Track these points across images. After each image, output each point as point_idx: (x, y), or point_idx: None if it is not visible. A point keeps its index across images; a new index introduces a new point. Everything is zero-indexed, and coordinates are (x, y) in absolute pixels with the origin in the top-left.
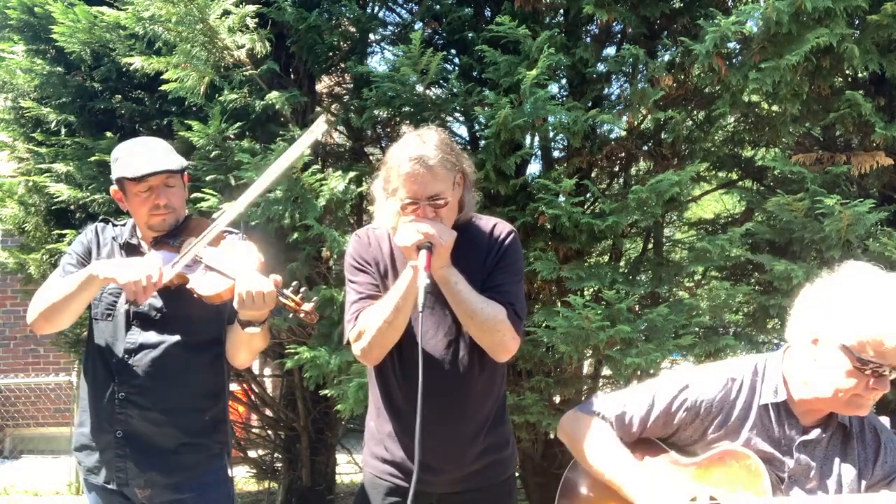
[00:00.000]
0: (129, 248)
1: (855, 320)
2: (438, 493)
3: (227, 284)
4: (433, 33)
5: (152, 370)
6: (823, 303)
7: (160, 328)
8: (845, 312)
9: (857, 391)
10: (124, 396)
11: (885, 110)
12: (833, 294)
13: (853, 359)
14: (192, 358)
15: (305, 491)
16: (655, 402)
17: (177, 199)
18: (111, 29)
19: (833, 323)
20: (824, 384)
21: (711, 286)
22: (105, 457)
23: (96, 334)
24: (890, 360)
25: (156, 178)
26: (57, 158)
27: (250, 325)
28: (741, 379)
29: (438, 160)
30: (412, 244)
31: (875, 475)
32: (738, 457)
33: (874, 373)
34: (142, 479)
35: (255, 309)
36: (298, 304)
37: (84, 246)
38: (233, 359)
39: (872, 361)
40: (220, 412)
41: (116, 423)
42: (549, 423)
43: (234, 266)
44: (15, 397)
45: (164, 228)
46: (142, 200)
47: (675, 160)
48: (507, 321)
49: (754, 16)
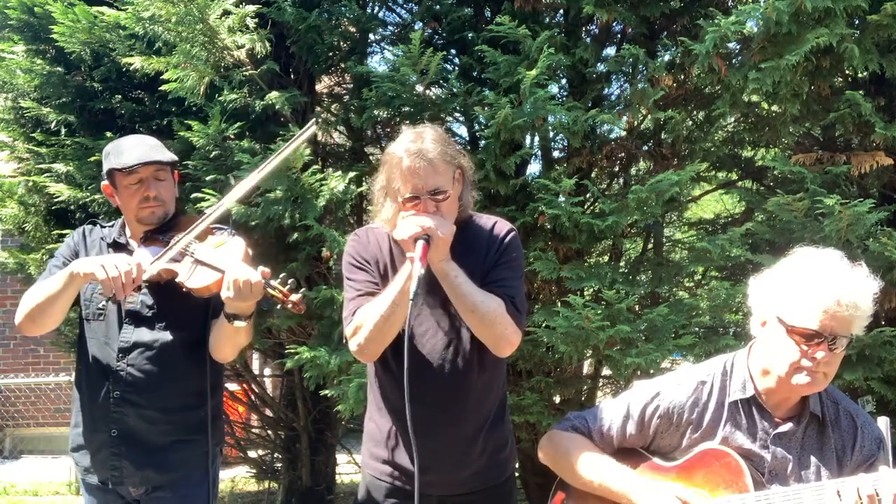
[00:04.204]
0: (116, 247)
1: (785, 292)
2: (438, 496)
3: (216, 277)
4: (433, 33)
5: (147, 368)
6: (763, 285)
7: (152, 325)
8: (777, 287)
9: (799, 363)
10: (119, 395)
11: (885, 110)
12: (770, 277)
13: (789, 329)
14: (186, 354)
15: (305, 491)
16: (630, 410)
17: (166, 192)
18: (111, 29)
19: (771, 301)
20: (777, 364)
21: (711, 286)
22: (100, 456)
23: (88, 335)
24: (825, 327)
25: (146, 169)
26: (57, 158)
27: (237, 318)
28: (711, 381)
29: (437, 153)
30: (410, 237)
31: (854, 460)
32: (718, 456)
33: (811, 341)
34: (137, 476)
35: (241, 299)
36: (286, 294)
37: (70, 248)
38: (216, 352)
39: (806, 329)
40: (215, 408)
41: (111, 421)
42: (549, 424)
43: (223, 259)
44: (15, 397)
45: (153, 222)
46: (132, 193)
47: (675, 160)
48: (507, 315)
49: (754, 16)
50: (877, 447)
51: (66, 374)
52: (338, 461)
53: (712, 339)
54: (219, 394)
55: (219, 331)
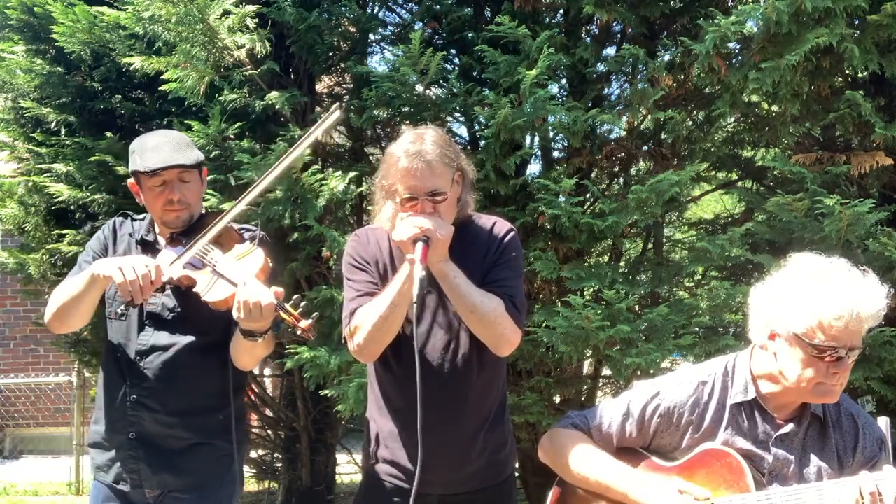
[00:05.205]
0: (145, 245)
1: (800, 308)
2: (439, 495)
3: (232, 292)
4: (433, 33)
5: (162, 373)
6: (772, 297)
7: (172, 329)
8: (791, 303)
9: (818, 379)
10: (136, 399)
11: (885, 110)
12: (779, 287)
13: (807, 347)
14: (203, 359)
15: (305, 491)
16: (630, 409)
17: (192, 194)
18: (111, 29)
19: (782, 316)
20: (787, 377)
21: (711, 286)
22: (118, 456)
23: (111, 333)
24: (842, 341)
25: (169, 172)
26: (57, 158)
27: (251, 335)
28: (712, 381)
29: (437, 155)
30: (408, 238)
31: (856, 461)
32: (719, 456)
33: (831, 357)
34: (154, 480)
35: (252, 320)
36: (297, 319)
37: (101, 242)
38: (235, 361)
39: (826, 346)
40: (237, 410)
41: (129, 424)
42: (549, 423)
43: (240, 273)
44: (15, 397)
45: (177, 225)
46: (156, 195)
47: (675, 160)
48: (507, 314)
49: (754, 16)
50: (878, 448)
51: (66, 374)
52: (338, 461)
53: (712, 339)
54: (241, 396)
55: (236, 342)
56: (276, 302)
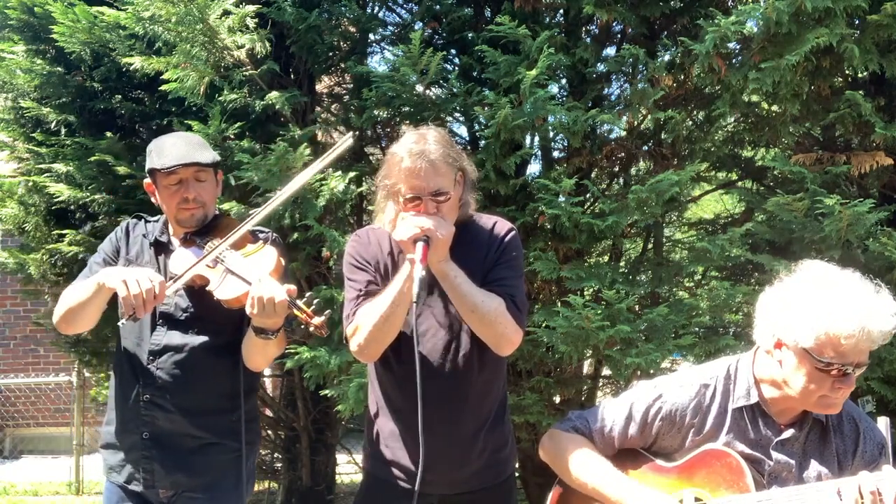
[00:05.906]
0: (158, 246)
1: (810, 322)
2: (439, 495)
3: (244, 290)
4: (433, 33)
5: (176, 373)
6: (782, 306)
7: (185, 329)
8: (801, 315)
9: (822, 392)
10: (149, 399)
11: (885, 110)
12: (789, 296)
13: (814, 361)
14: (216, 359)
15: (305, 491)
16: (633, 412)
17: (207, 194)
18: (111, 29)
19: (791, 326)
20: (792, 386)
21: (711, 286)
22: (131, 457)
23: (123, 333)
24: (850, 358)
25: (186, 170)
26: (57, 158)
27: (263, 332)
28: (714, 384)
29: (440, 155)
30: (409, 238)
31: (856, 464)
32: (719, 456)
33: (838, 372)
34: (168, 480)
35: (265, 316)
36: (310, 316)
37: (113, 244)
38: (247, 361)
39: (833, 362)
40: (250, 410)
41: (142, 424)
42: (549, 424)
43: (253, 271)
44: (15, 397)
45: (192, 224)
46: (171, 193)
47: (675, 160)
48: (508, 314)
49: (754, 16)
50: (879, 452)
51: (66, 374)
52: (338, 461)
53: (712, 339)
54: (253, 396)
55: (248, 341)
56: (290, 299)
